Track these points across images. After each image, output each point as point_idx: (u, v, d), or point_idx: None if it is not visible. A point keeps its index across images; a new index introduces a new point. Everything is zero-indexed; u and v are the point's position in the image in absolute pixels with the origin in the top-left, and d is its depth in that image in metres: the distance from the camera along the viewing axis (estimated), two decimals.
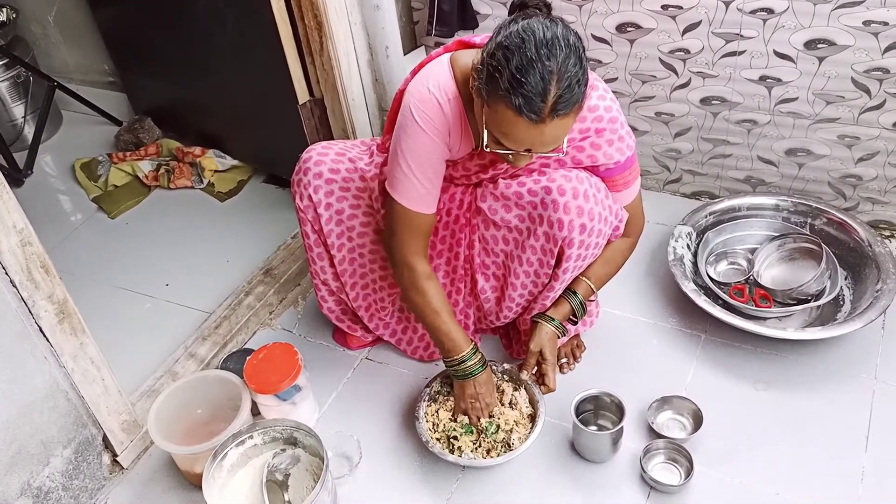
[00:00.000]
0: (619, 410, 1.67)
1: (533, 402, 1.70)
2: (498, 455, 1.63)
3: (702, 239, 2.03)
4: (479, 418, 1.64)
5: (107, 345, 1.69)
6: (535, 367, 1.70)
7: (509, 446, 1.64)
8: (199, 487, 1.53)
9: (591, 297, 1.71)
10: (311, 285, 1.98)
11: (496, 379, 1.74)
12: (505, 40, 1.30)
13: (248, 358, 1.75)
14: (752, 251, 2.04)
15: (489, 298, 1.81)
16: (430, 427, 1.70)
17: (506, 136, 1.36)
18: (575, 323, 1.74)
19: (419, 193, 1.56)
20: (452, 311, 1.65)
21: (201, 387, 1.76)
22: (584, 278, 1.69)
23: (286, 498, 1.56)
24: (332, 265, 1.81)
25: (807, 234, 2.00)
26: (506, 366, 1.76)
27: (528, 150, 1.38)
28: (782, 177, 2.17)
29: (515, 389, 1.72)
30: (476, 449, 1.65)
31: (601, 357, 1.88)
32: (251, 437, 1.57)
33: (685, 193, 2.33)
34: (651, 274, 2.07)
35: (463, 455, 1.63)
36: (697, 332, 1.93)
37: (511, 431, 1.65)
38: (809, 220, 2.05)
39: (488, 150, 1.41)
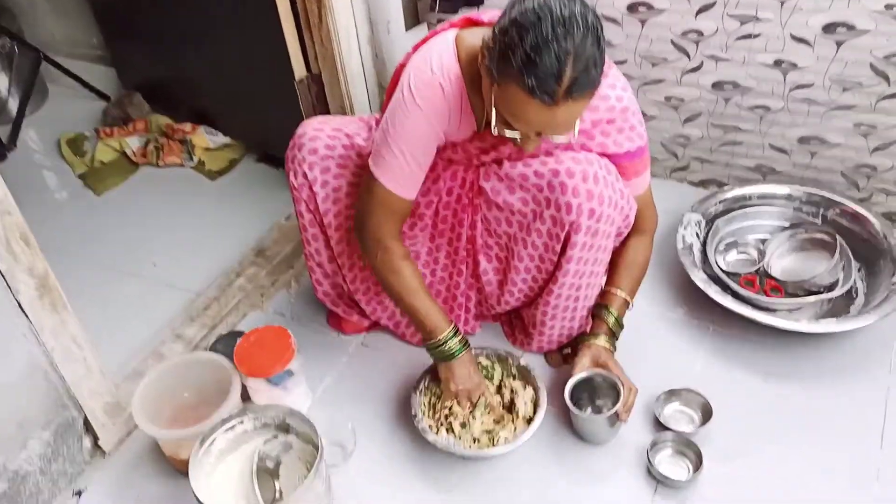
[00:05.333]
0: (615, 391, 1.59)
1: (537, 405, 1.62)
2: (495, 444, 1.57)
3: (711, 227, 1.97)
4: (468, 407, 1.58)
5: (90, 324, 1.61)
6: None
7: (525, 417, 1.59)
8: (185, 474, 1.44)
9: (628, 309, 1.65)
10: (305, 267, 1.90)
11: (507, 376, 1.68)
12: (520, 17, 1.21)
13: (238, 340, 1.67)
14: (763, 241, 1.98)
15: (491, 281, 1.74)
16: (425, 411, 1.63)
17: (516, 118, 1.29)
18: (615, 341, 1.66)
19: (404, 175, 1.50)
20: (429, 293, 1.58)
21: (189, 369, 1.68)
22: (614, 290, 1.64)
23: (277, 486, 1.48)
24: (328, 247, 1.74)
25: (820, 225, 1.94)
26: (522, 362, 1.68)
27: (539, 134, 1.31)
28: (794, 166, 2.10)
29: (524, 388, 1.64)
30: (475, 442, 1.58)
31: None
32: (241, 422, 1.49)
33: (692, 181, 2.27)
34: (658, 262, 2.00)
35: (462, 444, 1.57)
36: (706, 322, 1.86)
37: (503, 427, 1.59)
38: (822, 211, 1.98)
39: (496, 132, 1.34)
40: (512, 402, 1.62)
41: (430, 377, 1.67)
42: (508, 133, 1.32)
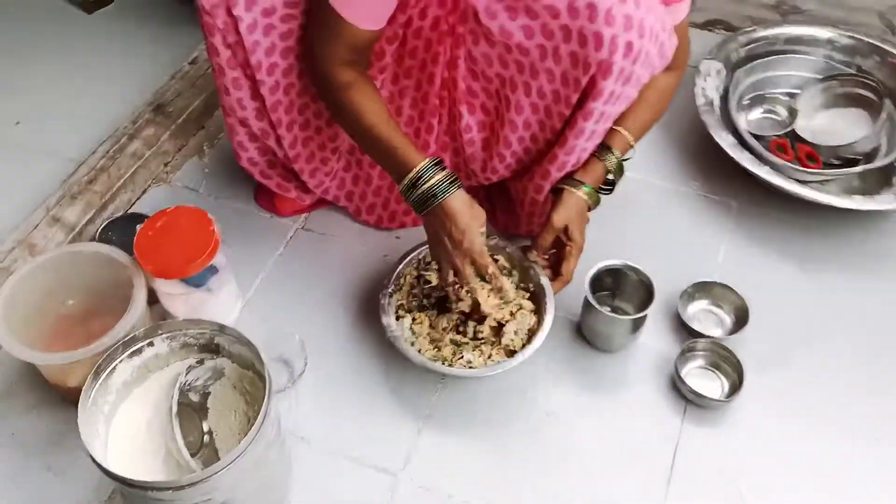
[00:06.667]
0: (643, 287, 1.28)
1: (536, 296, 1.27)
2: (489, 359, 1.22)
3: (731, 79, 1.61)
4: (465, 272, 1.17)
5: None
6: (552, 250, 1.27)
7: (507, 347, 1.23)
8: (77, 403, 1.04)
9: (627, 156, 1.27)
10: (222, 128, 1.45)
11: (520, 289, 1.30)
12: None
13: (139, 227, 1.23)
14: (791, 96, 1.63)
15: (474, 140, 1.33)
16: (404, 285, 1.30)
17: None
18: (610, 190, 1.30)
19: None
20: (396, 124, 1.18)
21: (72, 266, 1.23)
22: (618, 128, 1.24)
23: (205, 427, 1.10)
24: (256, 97, 1.28)
25: (859, 77, 1.59)
26: (496, 241, 1.31)
27: None
28: (821, 3, 1.74)
29: (528, 314, 1.26)
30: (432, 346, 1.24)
31: (609, 231, 1.43)
32: (150, 343, 1.08)
33: (696, 23, 1.88)
34: (665, 122, 1.63)
35: (417, 344, 1.24)
36: (727, 198, 1.54)
37: (471, 349, 1.24)
38: (859, 60, 1.64)
39: None
40: (501, 325, 1.24)
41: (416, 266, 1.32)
42: None
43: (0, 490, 1.17)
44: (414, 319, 1.27)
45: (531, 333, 1.23)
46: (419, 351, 1.23)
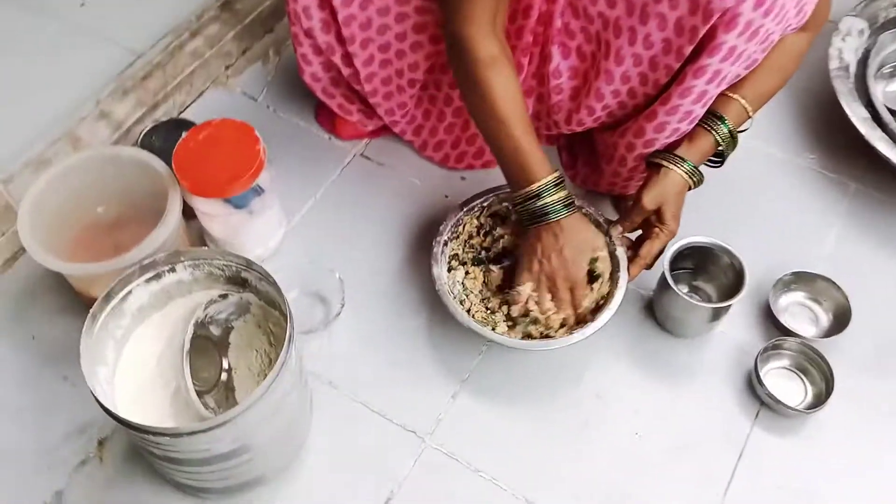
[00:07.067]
0: (733, 271, 1.12)
1: (598, 308, 1.10)
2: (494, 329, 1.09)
3: (874, 42, 1.38)
4: (552, 296, 1.06)
5: None
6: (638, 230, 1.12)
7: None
8: None
9: (743, 128, 1.09)
10: (290, 35, 1.33)
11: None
12: None
13: (182, 135, 1.13)
14: None
15: (563, 88, 1.16)
16: (461, 233, 1.17)
17: None
18: (719, 164, 1.13)
19: None
20: (529, 120, 1.04)
21: (107, 170, 1.14)
22: (734, 95, 1.06)
23: (225, 364, 1.01)
24: (324, 6, 1.14)
25: None
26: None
27: None
28: None
29: (600, 285, 1.10)
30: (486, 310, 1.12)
31: (700, 201, 1.21)
32: (173, 269, 0.98)
33: None
34: (790, 85, 1.42)
35: (498, 327, 1.09)
36: (846, 178, 1.34)
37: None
38: None
39: None
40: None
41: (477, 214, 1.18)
42: None
43: (13, 392, 1.12)
44: (467, 273, 1.14)
45: (596, 307, 1.09)
46: (468, 311, 1.10)
